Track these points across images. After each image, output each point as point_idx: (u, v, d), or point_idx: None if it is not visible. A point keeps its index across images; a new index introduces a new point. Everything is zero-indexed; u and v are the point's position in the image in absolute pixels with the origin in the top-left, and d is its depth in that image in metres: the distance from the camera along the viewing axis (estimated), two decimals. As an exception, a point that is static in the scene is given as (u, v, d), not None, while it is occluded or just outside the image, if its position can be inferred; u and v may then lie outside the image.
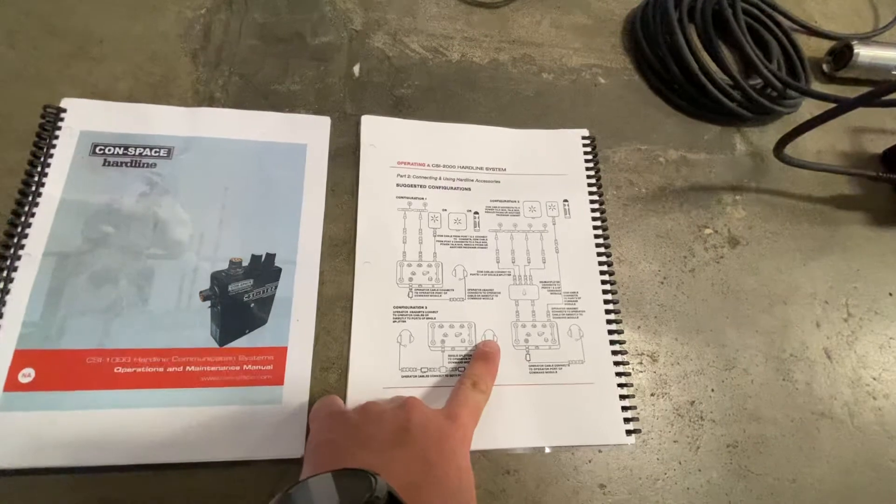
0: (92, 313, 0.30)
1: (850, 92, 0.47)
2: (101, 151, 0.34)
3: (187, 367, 0.29)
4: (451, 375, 0.31)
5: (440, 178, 0.37)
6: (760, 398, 0.35)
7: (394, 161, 0.37)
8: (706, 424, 0.33)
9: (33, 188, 0.32)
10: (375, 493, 0.18)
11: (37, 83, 0.36)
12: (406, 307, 0.33)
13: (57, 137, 0.33)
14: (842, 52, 0.47)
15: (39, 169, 0.32)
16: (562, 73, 0.43)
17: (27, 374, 0.28)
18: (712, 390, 0.34)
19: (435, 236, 0.35)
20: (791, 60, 0.45)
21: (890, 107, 0.34)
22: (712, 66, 0.42)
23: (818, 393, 0.35)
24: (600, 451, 0.31)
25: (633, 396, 0.33)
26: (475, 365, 0.31)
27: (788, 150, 0.37)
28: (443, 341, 0.32)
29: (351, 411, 0.28)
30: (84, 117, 0.34)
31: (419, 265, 0.34)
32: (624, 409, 0.32)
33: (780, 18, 0.47)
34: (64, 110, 0.34)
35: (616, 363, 0.33)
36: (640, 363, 0.34)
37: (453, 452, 0.25)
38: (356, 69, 0.40)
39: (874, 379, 0.37)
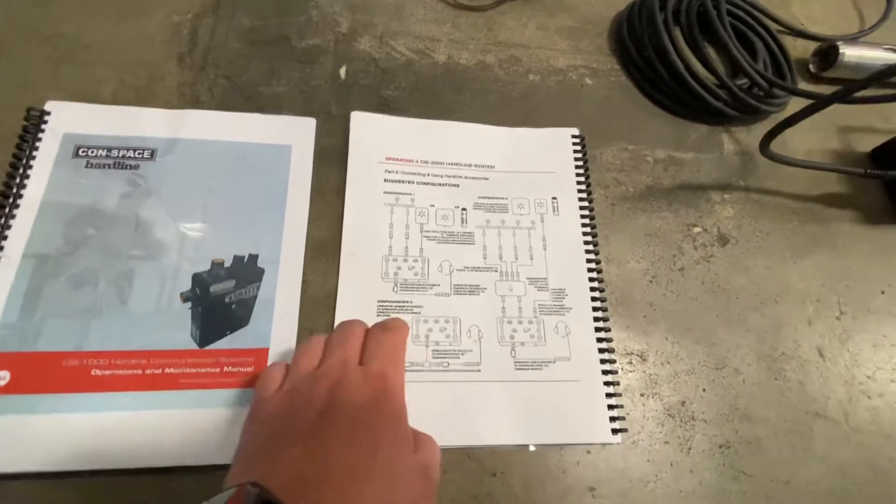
0: (70, 315, 0.29)
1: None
2: (84, 153, 0.33)
3: (166, 370, 0.29)
4: (436, 370, 0.31)
5: (428, 175, 0.37)
6: (752, 398, 0.34)
7: (382, 157, 0.37)
8: (698, 425, 0.33)
9: (14, 190, 0.31)
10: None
11: (23, 87, 0.36)
12: (391, 301, 0.32)
13: (40, 140, 0.33)
14: (827, 53, 0.47)
15: (21, 171, 0.32)
16: (548, 74, 0.43)
17: (2, 377, 0.28)
18: (703, 390, 0.34)
19: (422, 232, 0.35)
20: (777, 61, 0.45)
21: (866, 103, 0.34)
22: (698, 67, 0.42)
23: (811, 392, 0.35)
24: (589, 453, 0.31)
25: (619, 395, 0.32)
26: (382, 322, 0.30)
27: (779, 149, 0.37)
28: (427, 336, 0.32)
29: (274, 400, 0.26)
30: (68, 120, 0.34)
31: (405, 260, 0.34)
32: (610, 407, 0.31)
33: (766, 21, 0.47)
34: (48, 113, 0.34)
35: (602, 361, 0.32)
36: (630, 363, 0.34)
37: (366, 423, 0.24)
38: (342, 71, 0.40)
39: (868, 377, 0.36)
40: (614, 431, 0.30)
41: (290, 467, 0.22)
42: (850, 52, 0.46)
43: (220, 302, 0.31)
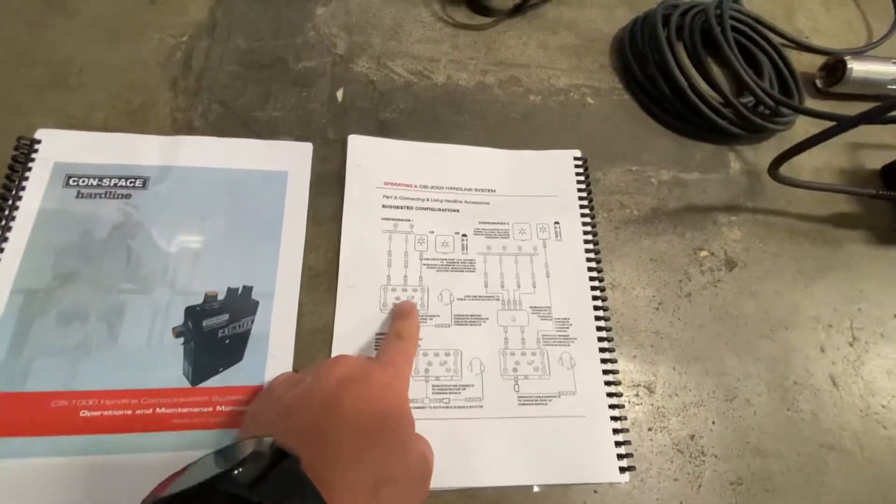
0: (59, 353, 0.28)
1: (844, 107, 0.47)
2: (76, 183, 0.33)
3: (157, 409, 0.28)
4: (436, 407, 0.30)
5: (428, 200, 0.36)
6: (764, 430, 0.33)
7: (380, 182, 0.36)
8: (708, 460, 0.32)
9: (3, 222, 0.31)
10: (255, 449, 0.18)
11: (13, 113, 0.35)
12: (389, 336, 0.31)
13: (30, 169, 0.33)
14: (834, 67, 0.46)
15: (10, 202, 0.31)
16: (550, 94, 0.42)
17: (-12, 420, 0.27)
18: (713, 423, 0.33)
19: (421, 259, 0.34)
20: (783, 77, 0.44)
21: (887, 123, 0.33)
22: (703, 85, 0.41)
23: (825, 423, 0.34)
24: (596, 492, 0.30)
25: (627, 430, 0.31)
26: (394, 322, 0.31)
27: (786, 168, 0.36)
28: (427, 370, 0.31)
29: (290, 380, 0.28)
30: (59, 148, 0.34)
31: (404, 289, 0.33)
32: (617, 444, 0.30)
33: (770, 35, 0.46)
34: (38, 141, 0.33)
35: (609, 394, 0.31)
36: (637, 395, 0.33)
37: (378, 396, 0.25)
38: (339, 94, 0.39)
39: (883, 407, 0.35)
40: (622, 470, 0.29)
41: (306, 424, 0.23)
42: (858, 67, 0.45)
43: (214, 337, 0.30)
